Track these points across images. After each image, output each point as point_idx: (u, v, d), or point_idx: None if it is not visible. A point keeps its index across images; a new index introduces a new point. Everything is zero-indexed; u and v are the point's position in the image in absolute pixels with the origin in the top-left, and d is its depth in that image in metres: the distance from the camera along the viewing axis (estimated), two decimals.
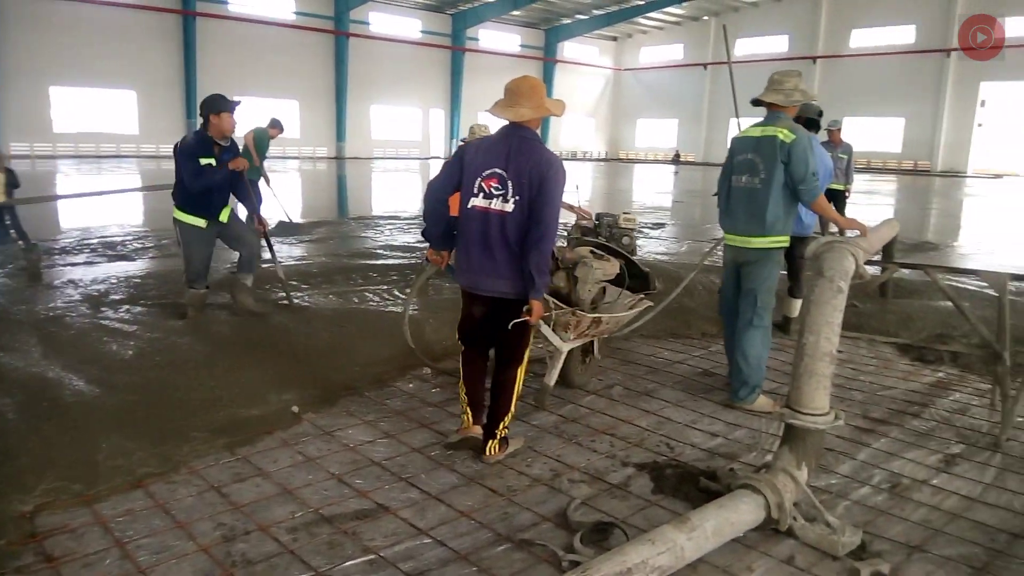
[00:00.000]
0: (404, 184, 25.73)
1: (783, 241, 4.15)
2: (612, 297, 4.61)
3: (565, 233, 6.96)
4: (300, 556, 2.59)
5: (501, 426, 3.42)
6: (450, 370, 4.67)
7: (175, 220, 5.45)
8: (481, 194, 3.28)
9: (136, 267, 7.95)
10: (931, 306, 6.47)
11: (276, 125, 10.36)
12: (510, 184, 3.22)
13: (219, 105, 5.20)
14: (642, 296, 4.62)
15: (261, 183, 9.75)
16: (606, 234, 7.12)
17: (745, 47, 46.59)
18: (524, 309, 3.30)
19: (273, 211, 10.53)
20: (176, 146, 5.31)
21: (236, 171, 5.43)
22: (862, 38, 43.29)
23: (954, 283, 7.22)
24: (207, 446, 3.45)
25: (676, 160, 47.76)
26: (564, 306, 4.04)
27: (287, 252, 9.01)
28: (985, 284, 5.79)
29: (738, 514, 2.64)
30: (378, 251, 9.58)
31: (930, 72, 40.67)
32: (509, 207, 3.22)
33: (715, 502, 2.68)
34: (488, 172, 3.27)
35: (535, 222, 3.20)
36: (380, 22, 42.38)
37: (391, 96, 43.72)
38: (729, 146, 4.42)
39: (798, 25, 45.38)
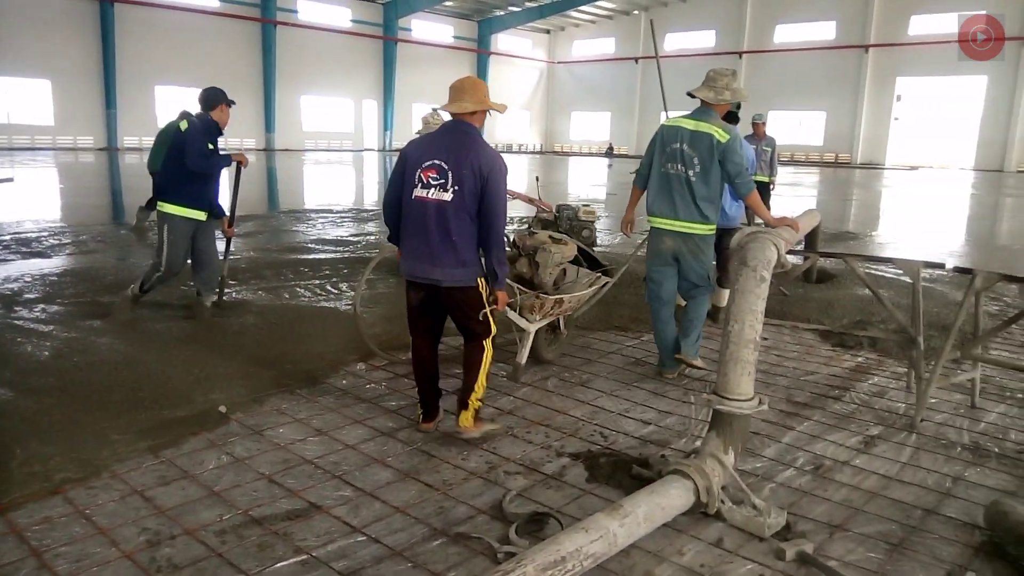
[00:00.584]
0: (337, 177, 25.30)
1: (715, 228, 4.48)
2: (572, 277, 4.91)
3: (526, 225, 7.06)
4: (229, 559, 2.52)
5: (472, 397, 3.50)
6: (394, 360, 4.64)
7: (166, 215, 5.22)
8: (419, 184, 3.38)
9: (52, 264, 7.59)
10: (851, 294, 6.74)
11: (186, 117, 10.04)
12: (450, 174, 3.31)
13: (227, 97, 5.28)
14: (599, 274, 4.98)
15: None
16: (566, 226, 7.21)
17: (674, 42, 47.43)
18: (490, 299, 3.51)
19: None
20: (180, 136, 5.15)
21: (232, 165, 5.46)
22: (785, 33, 44.58)
23: (872, 271, 7.54)
24: (129, 449, 3.33)
25: (610, 153, 48.32)
26: (528, 290, 4.31)
27: None
28: (900, 272, 6.06)
29: (668, 499, 2.69)
30: (310, 245, 9.41)
31: (849, 67, 42.22)
32: (447, 196, 3.32)
33: (646, 488, 2.73)
34: (427, 163, 3.37)
35: (486, 218, 3.35)
36: (308, 11, 41.43)
37: (322, 87, 42.84)
38: (658, 132, 4.56)
39: (725, 20, 46.42)
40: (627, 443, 3.62)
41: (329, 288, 6.88)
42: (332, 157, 36.34)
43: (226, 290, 6.08)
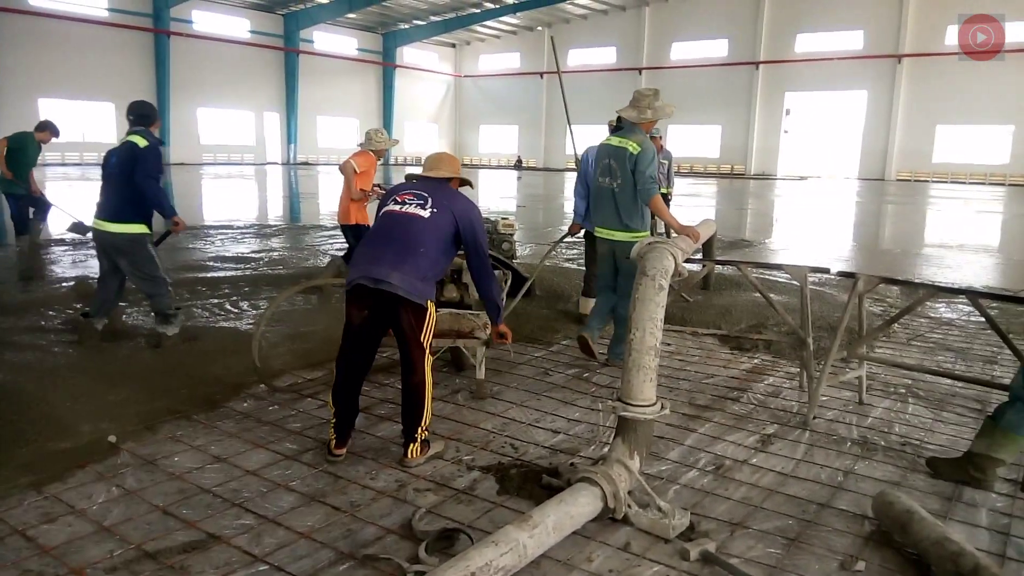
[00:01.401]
0: (238, 191, 24.51)
1: (645, 234, 4.80)
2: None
3: None
4: None
5: (420, 430, 3.44)
6: (285, 387, 4.48)
7: (138, 236, 5.04)
8: (393, 203, 3.50)
9: None
10: (748, 299, 7.02)
11: (48, 128, 9.23)
12: (429, 200, 3.45)
13: None
14: (503, 271, 5.35)
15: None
16: None
17: (577, 57, 48.57)
18: (499, 335, 3.82)
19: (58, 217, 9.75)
20: (137, 151, 4.95)
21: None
22: (682, 51, 46.37)
23: (765, 277, 7.88)
24: (8, 486, 3.08)
25: (518, 166, 48.83)
26: (474, 312, 4.54)
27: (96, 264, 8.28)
28: (790, 277, 6.35)
29: (577, 507, 2.72)
30: (208, 263, 9.05)
31: (741, 83, 44.28)
32: (424, 213, 3.41)
33: (556, 497, 2.75)
34: (405, 191, 3.53)
35: (477, 253, 3.55)
36: (205, 21, 40.12)
37: (221, 99, 41.48)
38: (596, 152, 5.17)
39: (624, 38, 47.89)
40: (537, 453, 3.63)
41: (228, 307, 6.63)
42: (232, 171, 35.20)
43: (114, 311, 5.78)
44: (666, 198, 10.29)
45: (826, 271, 4.38)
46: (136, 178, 4.87)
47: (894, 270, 5.00)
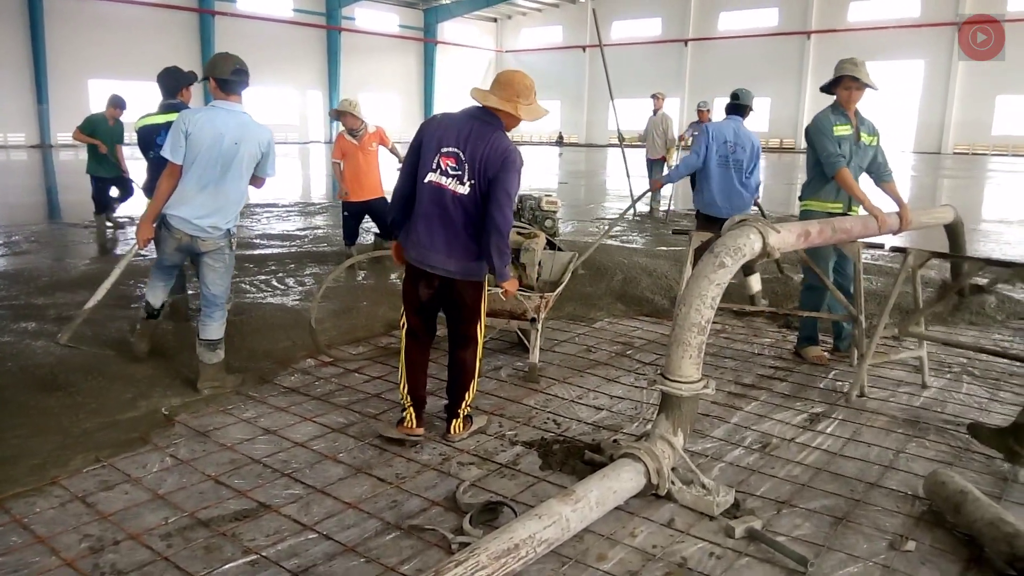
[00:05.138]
0: (282, 169, 24.82)
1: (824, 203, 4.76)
2: (548, 264, 4.95)
3: None
4: (175, 562, 2.46)
5: (463, 405, 3.47)
6: (340, 358, 4.57)
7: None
8: (438, 170, 3.23)
9: None
10: (799, 276, 6.88)
11: (114, 103, 9.53)
12: (466, 167, 3.19)
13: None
14: (574, 253, 5.24)
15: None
16: (528, 217, 7.20)
17: (621, 30, 47.73)
18: (500, 292, 3.45)
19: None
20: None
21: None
22: (729, 21, 45.18)
23: None
24: (68, 454, 3.21)
25: (560, 142, 48.46)
26: (530, 294, 4.34)
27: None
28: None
29: (620, 482, 2.72)
30: (254, 240, 9.20)
31: (792, 53, 43.04)
32: (464, 189, 3.21)
33: (598, 473, 2.75)
34: (447, 150, 3.22)
35: (492, 205, 3.18)
36: (248, 0, 40.49)
37: (264, 78, 41.63)
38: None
39: (670, 8, 46.83)
40: (580, 429, 3.64)
41: (275, 284, 6.75)
42: (277, 149, 35.64)
43: None
44: None
45: (880, 247, 4.27)
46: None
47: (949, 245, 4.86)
